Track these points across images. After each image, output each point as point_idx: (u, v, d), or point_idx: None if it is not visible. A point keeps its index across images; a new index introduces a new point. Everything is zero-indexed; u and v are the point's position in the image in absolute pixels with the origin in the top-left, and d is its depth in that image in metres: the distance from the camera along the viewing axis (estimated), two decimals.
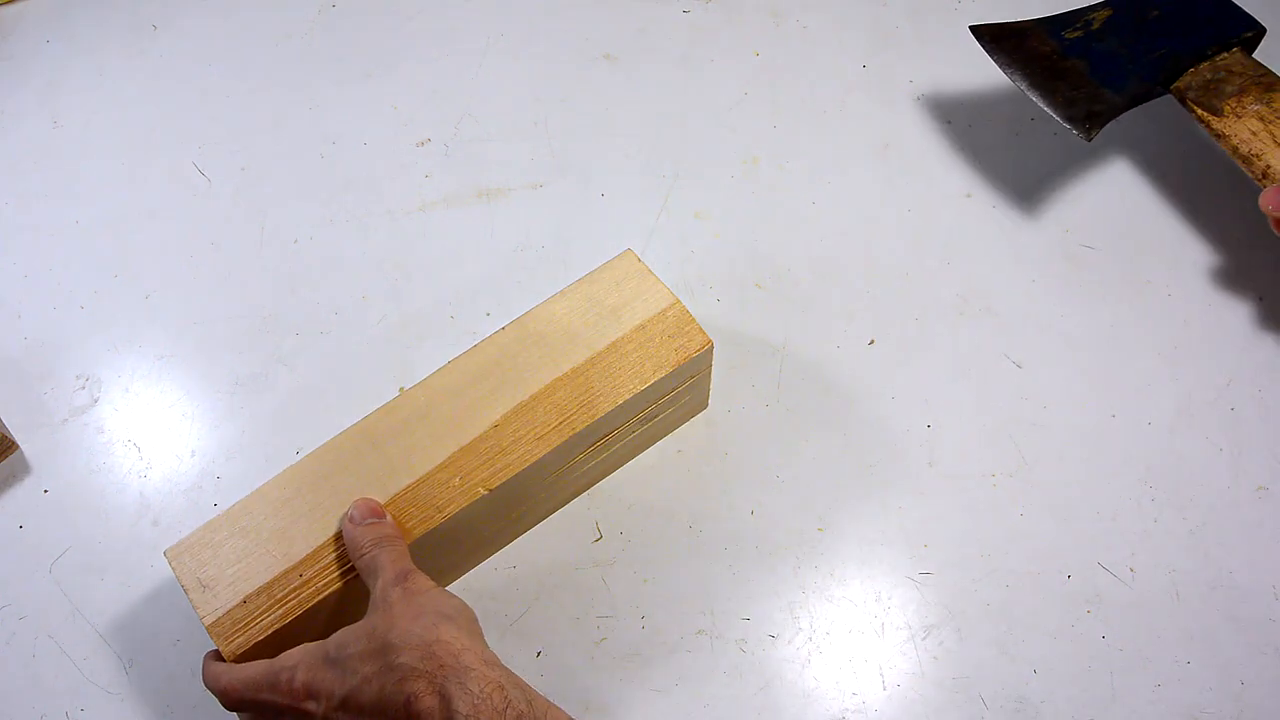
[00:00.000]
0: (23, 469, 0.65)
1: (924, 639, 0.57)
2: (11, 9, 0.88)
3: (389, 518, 0.52)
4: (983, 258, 0.70)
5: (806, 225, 0.73)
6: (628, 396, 0.56)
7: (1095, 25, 0.70)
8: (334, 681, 0.44)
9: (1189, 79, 0.66)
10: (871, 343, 0.67)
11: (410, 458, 0.54)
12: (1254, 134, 0.63)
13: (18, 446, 0.65)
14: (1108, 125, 0.66)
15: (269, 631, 0.51)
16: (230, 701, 0.48)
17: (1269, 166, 0.62)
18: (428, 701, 0.42)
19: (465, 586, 0.60)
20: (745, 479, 0.63)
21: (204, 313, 0.71)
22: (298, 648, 0.47)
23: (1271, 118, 0.63)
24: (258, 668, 0.47)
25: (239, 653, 0.50)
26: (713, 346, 0.58)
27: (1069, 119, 0.65)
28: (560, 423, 0.55)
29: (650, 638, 0.58)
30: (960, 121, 0.77)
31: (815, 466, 0.63)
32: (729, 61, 0.82)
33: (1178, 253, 0.70)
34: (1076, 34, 0.69)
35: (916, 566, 0.59)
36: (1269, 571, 0.58)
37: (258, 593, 0.51)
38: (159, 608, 0.60)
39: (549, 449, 0.54)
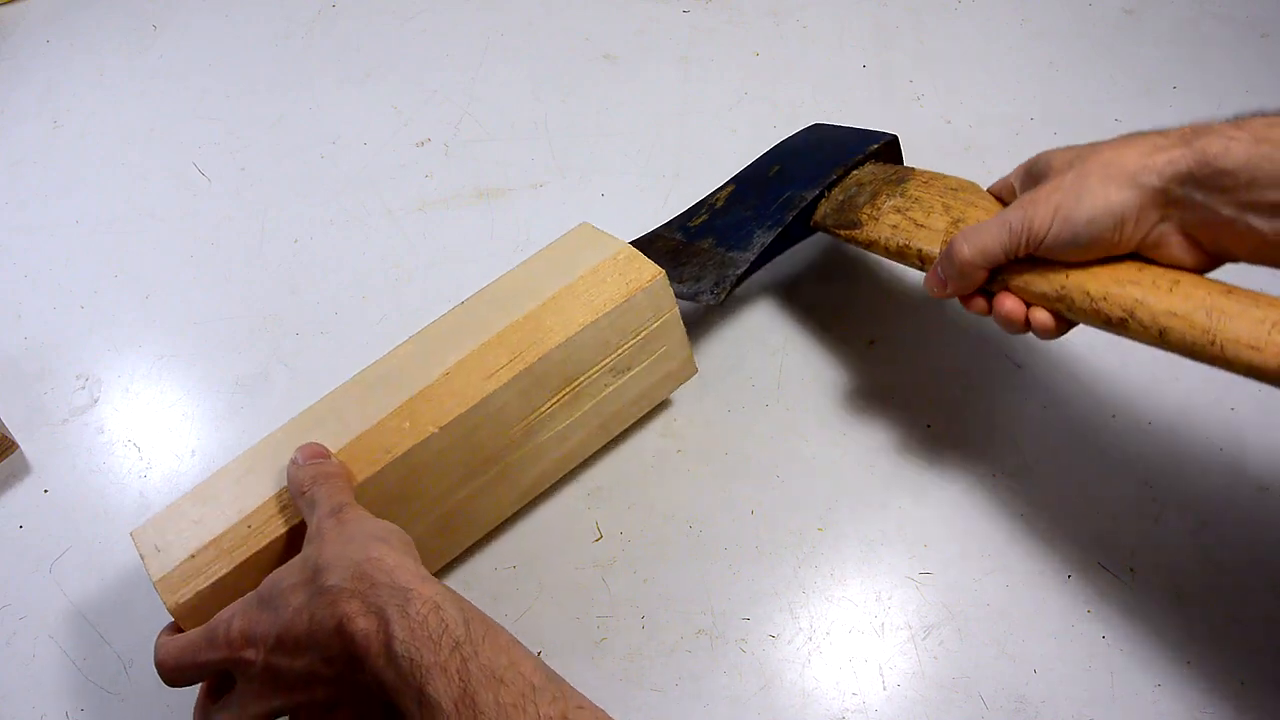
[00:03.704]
0: (23, 469, 0.65)
1: (924, 639, 0.57)
2: (11, 9, 0.88)
3: (333, 458, 0.51)
4: None
5: None
6: (578, 328, 0.55)
7: (719, 204, 0.67)
8: (268, 622, 0.41)
9: (823, 210, 0.63)
10: (871, 343, 0.67)
11: (365, 415, 0.54)
12: (895, 228, 0.58)
13: (18, 446, 0.65)
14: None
15: (214, 579, 0.49)
16: (168, 670, 0.45)
17: (920, 250, 0.56)
18: (362, 624, 0.39)
19: (466, 587, 0.60)
20: (745, 479, 0.63)
21: (204, 313, 0.71)
22: (236, 600, 0.44)
23: (907, 206, 0.58)
24: (195, 630, 0.45)
25: (183, 603, 0.49)
26: (665, 277, 0.57)
27: (696, 293, 0.61)
28: (511, 359, 0.54)
29: (650, 638, 0.58)
30: (960, 121, 0.77)
31: (815, 466, 0.63)
32: (729, 61, 0.82)
33: None
34: (702, 219, 0.67)
35: (916, 566, 0.59)
36: (1269, 571, 0.58)
37: (206, 547, 0.50)
38: (159, 608, 0.60)
39: (499, 384, 0.54)
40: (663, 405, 0.66)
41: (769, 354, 0.67)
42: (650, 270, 0.57)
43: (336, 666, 0.40)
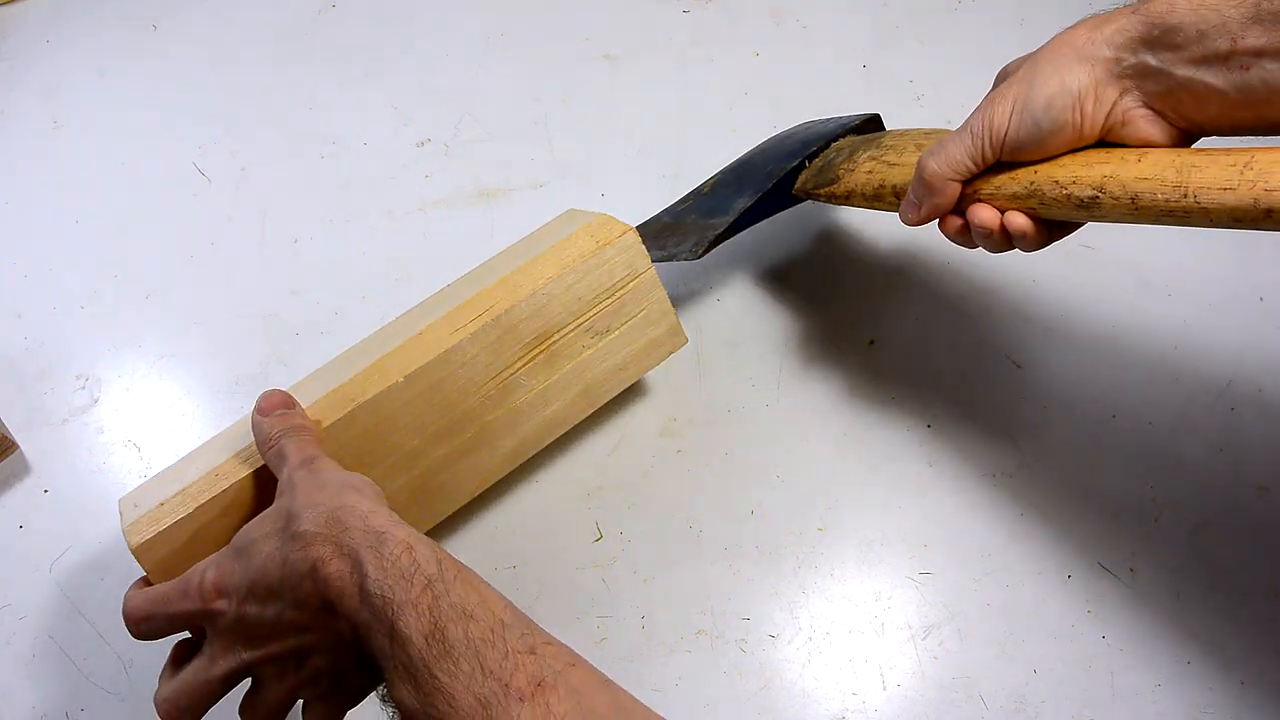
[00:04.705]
0: (23, 469, 0.65)
1: (924, 639, 0.57)
2: (11, 9, 0.88)
3: (299, 408, 0.51)
4: (982, 258, 0.70)
5: (806, 225, 0.73)
6: (545, 280, 0.55)
7: (706, 189, 0.69)
8: (240, 571, 0.41)
9: (804, 177, 0.64)
10: (871, 343, 0.67)
11: (339, 377, 0.54)
12: (870, 173, 0.58)
13: (18, 446, 0.65)
14: None
15: (177, 519, 0.49)
16: (136, 620, 0.44)
17: (895, 185, 0.56)
18: (335, 566, 0.39)
19: None
20: (745, 479, 0.62)
21: (204, 313, 0.71)
22: (211, 555, 0.44)
23: (881, 154, 0.59)
24: (168, 583, 0.44)
25: (145, 542, 0.48)
26: (636, 234, 0.57)
27: (675, 255, 0.63)
28: (480, 314, 0.55)
29: (650, 638, 0.58)
30: (960, 121, 0.77)
31: (815, 466, 0.63)
32: (729, 61, 0.82)
33: (1178, 253, 0.70)
34: (688, 204, 0.69)
35: (916, 566, 0.59)
36: (1269, 571, 0.58)
37: (175, 495, 0.50)
38: None
39: (466, 335, 0.54)
40: (663, 406, 0.66)
41: (769, 354, 0.67)
42: (620, 228, 0.57)
43: (309, 612, 0.40)
